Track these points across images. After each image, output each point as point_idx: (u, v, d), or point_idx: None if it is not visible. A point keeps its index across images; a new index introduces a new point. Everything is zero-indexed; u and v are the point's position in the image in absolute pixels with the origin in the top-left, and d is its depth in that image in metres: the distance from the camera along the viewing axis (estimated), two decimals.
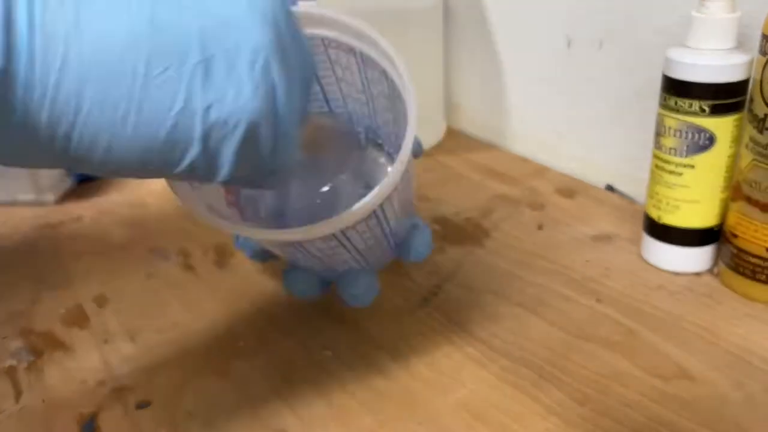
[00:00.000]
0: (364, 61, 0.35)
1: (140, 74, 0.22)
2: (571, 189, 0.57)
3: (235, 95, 0.23)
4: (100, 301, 0.44)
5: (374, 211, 0.31)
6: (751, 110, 0.38)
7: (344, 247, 0.33)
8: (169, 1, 0.22)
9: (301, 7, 0.33)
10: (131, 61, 0.21)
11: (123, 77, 0.21)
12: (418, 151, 0.40)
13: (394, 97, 0.34)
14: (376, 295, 0.36)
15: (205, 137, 0.23)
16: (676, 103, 0.40)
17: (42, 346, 0.39)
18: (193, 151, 0.23)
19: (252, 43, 0.23)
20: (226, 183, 0.26)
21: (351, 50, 0.35)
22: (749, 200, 0.39)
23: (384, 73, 0.34)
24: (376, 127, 0.40)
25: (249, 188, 0.27)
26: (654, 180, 0.43)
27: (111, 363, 0.38)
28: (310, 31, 0.34)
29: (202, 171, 0.24)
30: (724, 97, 0.39)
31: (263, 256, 0.40)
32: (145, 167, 0.23)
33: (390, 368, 0.37)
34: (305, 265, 0.36)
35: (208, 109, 0.23)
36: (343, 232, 0.31)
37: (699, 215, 0.42)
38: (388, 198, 0.31)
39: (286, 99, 0.24)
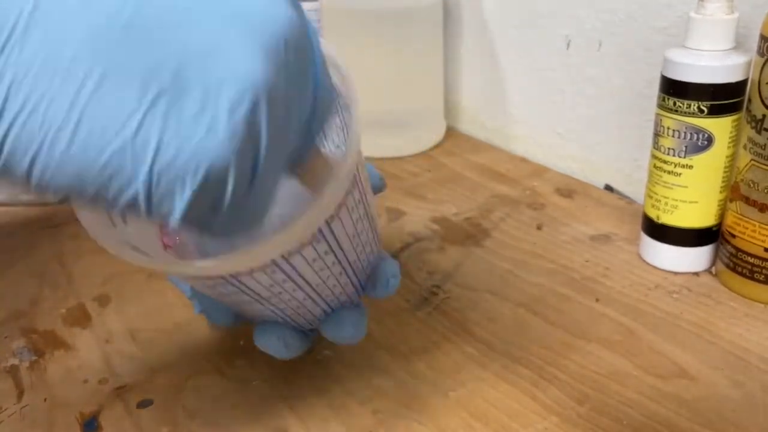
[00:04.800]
0: None
1: (92, 80, 0.18)
2: (570, 189, 0.57)
3: (203, 137, 0.19)
4: (102, 301, 0.44)
5: (323, 236, 0.28)
6: (749, 111, 0.39)
7: (293, 281, 0.29)
8: (155, 11, 0.19)
9: None
10: (86, 63, 0.18)
11: (70, 79, 0.18)
12: (380, 186, 0.37)
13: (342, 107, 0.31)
14: (365, 334, 0.34)
15: (154, 175, 0.19)
16: (674, 103, 0.40)
17: (44, 346, 0.40)
18: (134, 188, 0.19)
19: (241, 80, 0.19)
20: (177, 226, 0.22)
21: None
22: (747, 200, 0.39)
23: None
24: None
25: (205, 235, 0.23)
26: (652, 180, 0.43)
27: (112, 362, 0.38)
28: None
29: (146, 211, 0.20)
30: (723, 98, 0.39)
31: (220, 316, 0.35)
32: (78, 195, 0.20)
33: (390, 367, 0.37)
34: (263, 314, 0.32)
35: (164, 144, 0.19)
36: (285, 258, 0.27)
37: (697, 215, 0.42)
38: (338, 222, 0.28)
39: (270, 151, 0.21)
